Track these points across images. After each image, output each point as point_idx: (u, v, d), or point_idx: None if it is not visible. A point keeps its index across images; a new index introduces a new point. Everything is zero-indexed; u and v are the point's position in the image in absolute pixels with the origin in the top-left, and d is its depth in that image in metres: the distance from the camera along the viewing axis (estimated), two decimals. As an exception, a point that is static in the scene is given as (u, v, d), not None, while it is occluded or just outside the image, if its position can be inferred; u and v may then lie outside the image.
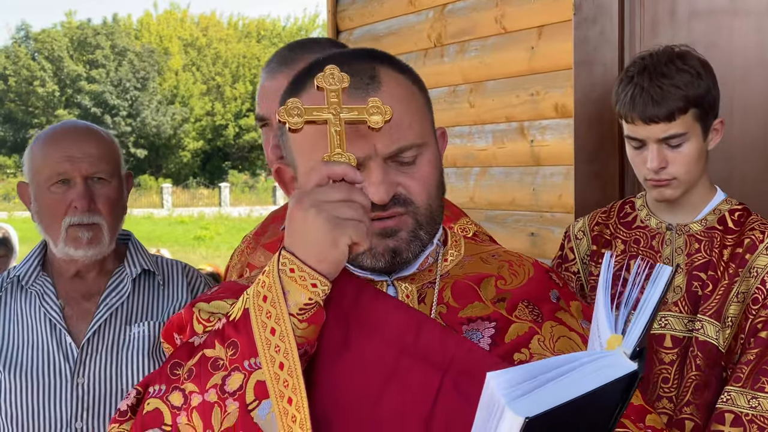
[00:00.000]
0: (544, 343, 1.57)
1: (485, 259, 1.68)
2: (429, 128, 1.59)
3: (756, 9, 3.08)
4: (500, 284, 1.62)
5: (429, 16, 4.42)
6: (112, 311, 2.45)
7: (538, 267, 1.70)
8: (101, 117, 47.41)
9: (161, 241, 22.47)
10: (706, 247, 2.44)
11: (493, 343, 1.55)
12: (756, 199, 3.08)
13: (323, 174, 1.42)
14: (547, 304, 1.62)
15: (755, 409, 2.31)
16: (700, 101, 2.40)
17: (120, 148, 2.54)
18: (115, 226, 2.46)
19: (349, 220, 1.38)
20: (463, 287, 1.60)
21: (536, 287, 1.64)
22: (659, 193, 2.47)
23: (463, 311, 1.58)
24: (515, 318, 1.58)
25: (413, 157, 1.53)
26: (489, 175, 4.12)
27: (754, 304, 2.38)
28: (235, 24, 56.67)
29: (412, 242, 1.54)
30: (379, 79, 1.53)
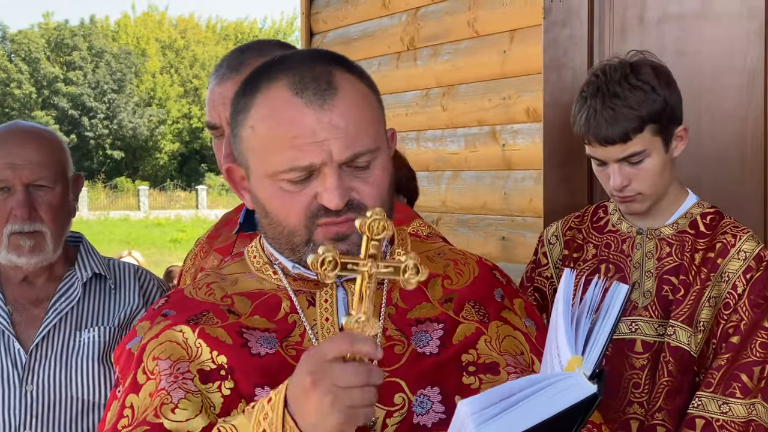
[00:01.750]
0: (490, 343, 1.58)
1: (431, 257, 1.68)
2: (382, 132, 1.59)
3: (725, 14, 3.08)
4: (447, 284, 1.63)
5: (402, 19, 4.42)
6: (62, 316, 2.43)
7: (483, 265, 1.70)
8: (78, 119, 47.20)
9: (137, 244, 22.36)
10: (677, 251, 2.43)
11: (441, 345, 1.55)
12: (726, 204, 3.08)
13: (345, 350, 1.37)
14: (492, 303, 1.64)
15: (726, 414, 2.30)
16: (656, 117, 2.37)
17: (67, 152, 2.49)
18: (61, 232, 2.43)
19: (362, 407, 1.36)
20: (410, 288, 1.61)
21: (481, 286, 1.65)
22: (627, 208, 2.46)
23: (411, 312, 1.59)
24: (462, 318, 1.59)
25: (367, 162, 1.53)
26: (461, 179, 4.11)
27: (726, 309, 2.37)
28: (214, 26, 56.56)
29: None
30: (336, 85, 1.52)
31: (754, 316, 2.35)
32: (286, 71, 1.54)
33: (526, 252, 3.01)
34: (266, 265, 1.65)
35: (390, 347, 1.55)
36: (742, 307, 2.36)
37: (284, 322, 1.58)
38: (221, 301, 1.61)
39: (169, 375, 1.52)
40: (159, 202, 41.46)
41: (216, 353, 1.53)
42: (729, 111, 3.08)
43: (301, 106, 1.50)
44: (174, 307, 1.62)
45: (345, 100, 1.51)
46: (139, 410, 1.51)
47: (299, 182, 1.52)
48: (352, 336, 1.38)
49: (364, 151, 1.52)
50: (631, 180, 2.39)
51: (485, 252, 3.93)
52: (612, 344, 2.40)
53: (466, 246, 4.02)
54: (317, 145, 1.49)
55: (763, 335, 2.35)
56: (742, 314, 2.35)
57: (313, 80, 1.51)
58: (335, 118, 1.50)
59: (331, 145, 1.49)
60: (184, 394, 1.50)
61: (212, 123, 2.11)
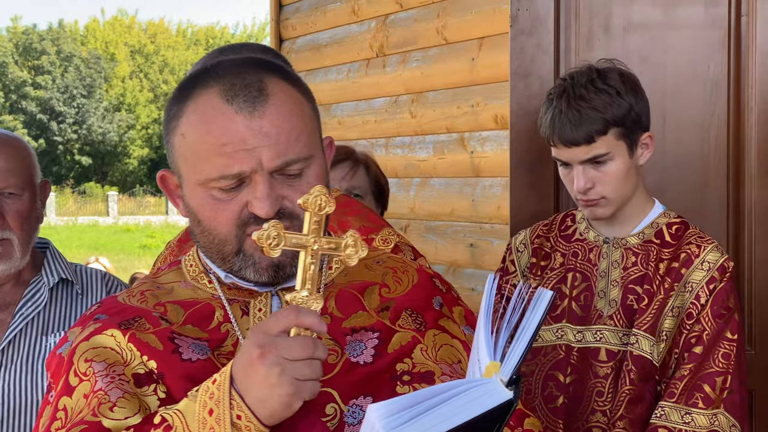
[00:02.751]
0: (426, 352, 1.56)
1: (369, 265, 1.67)
2: (316, 140, 1.57)
3: (689, 23, 3.12)
4: (384, 292, 1.62)
5: (371, 26, 4.43)
6: (28, 321, 2.42)
7: (423, 273, 1.69)
8: (47, 124, 46.87)
9: (106, 250, 22.22)
10: (642, 261, 2.44)
11: (376, 354, 1.54)
12: (689, 211, 3.12)
13: (290, 323, 1.38)
14: (430, 312, 1.62)
15: (689, 424, 2.32)
16: (620, 120, 2.40)
17: (34, 158, 2.48)
18: (28, 238, 2.42)
19: (308, 381, 1.37)
20: (347, 296, 1.60)
21: (420, 294, 1.64)
22: (591, 212, 2.48)
23: (347, 321, 1.57)
24: (398, 327, 1.58)
25: (300, 169, 1.51)
26: (429, 185, 4.13)
27: (689, 319, 2.38)
28: (184, 31, 56.35)
29: (296, 257, 1.49)
30: (267, 92, 1.50)
31: (717, 326, 2.37)
32: (217, 78, 1.52)
33: (494, 259, 3.03)
34: (201, 273, 1.64)
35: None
36: (705, 317, 2.37)
37: (217, 331, 1.56)
38: (154, 308, 1.59)
39: (105, 376, 1.51)
40: (128, 208, 41.23)
41: (146, 358, 1.52)
42: (693, 119, 3.12)
43: (231, 114, 1.48)
44: (106, 312, 1.60)
45: (276, 108, 1.50)
46: (73, 412, 1.49)
47: (230, 190, 1.50)
48: (297, 309, 1.39)
49: (295, 159, 1.50)
50: (595, 183, 2.41)
51: (453, 258, 3.95)
52: (577, 353, 2.45)
53: (434, 252, 4.05)
54: (247, 153, 1.47)
55: (725, 346, 2.36)
56: (705, 325, 2.37)
57: (244, 87, 1.50)
58: (266, 126, 1.48)
59: (262, 153, 1.48)
60: (122, 393, 1.49)
61: None
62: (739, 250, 3.09)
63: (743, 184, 3.08)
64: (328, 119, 4.80)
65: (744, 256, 3.08)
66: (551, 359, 2.48)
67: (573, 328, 2.47)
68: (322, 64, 4.84)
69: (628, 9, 3.15)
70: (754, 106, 3.06)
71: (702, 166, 3.12)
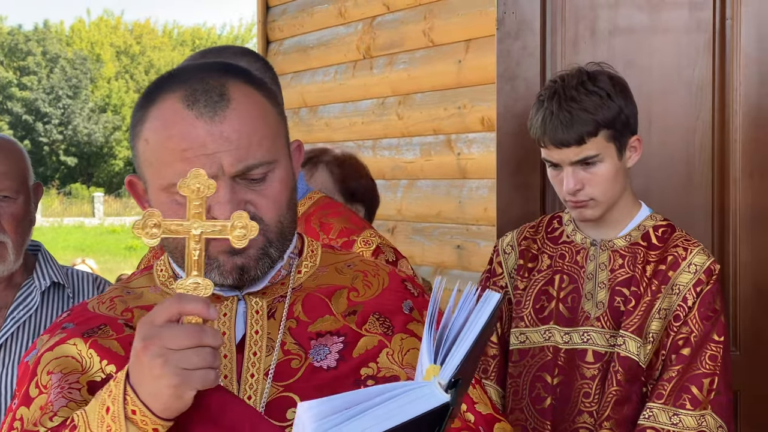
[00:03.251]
0: (392, 356, 1.54)
1: (340, 269, 1.65)
2: (281, 144, 1.56)
3: (674, 27, 3.14)
4: (353, 296, 1.60)
5: (358, 28, 4.44)
6: (20, 324, 2.42)
7: (394, 276, 1.66)
8: (33, 124, 46.70)
9: (92, 251, 22.16)
10: (629, 263, 2.46)
11: (340, 358, 1.52)
12: (674, 214, 3.13)
13: (174, 311, 1.35)
14: (399, 316, 1.59)
15: (677, 426, 2.34)
16: (611, 122, 2.42)
17: (28, 160, 2.48)
18: (22, 241, 2.42)
19: (197, 369, 1.33)
20: (314, 300, 1.58)
21: (390, 298, 1.61)
22: (579, 214, 2.48)
23: (312, 325, 1.55)
24: (365, 331, 1.56)
25: (263, 174, 1.51)
26: (416, 187, 4.14)
27: (676, 321, 2.40)
28: (170, 32, 56.24)
29: (261, 260, 1.52)
30: (229, 96, 1.49)
31: (704, 328, 2.38)
32: (180, 84, 1.51)
33: (481, 260, 3.04)
34: (171, 278, 1.63)
35: (287, 361, 1.52)
36: (692, 319, 2.39)
37: None
38: (121, 315, 1.59)
39: (56, 387, 1.50)
40: (114, 209, 41.10)
41: (105, 362, 1.51)
42: (678, 122, 3.14)
43: (191, 119, 1.48)
44: (74, 320, 1.59)
45: (237, 112, 1.49)
46: (28, 423, 1.49)
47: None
48: (180, 297, 1.36)
49: (257, 163, 1.49)
50: (584, 184, 2.42)
51: (440, 260, 3.96)
52: (564, 354, 2.46)
53: (421, 254, 4.06)
54: (208, 158, 1.47)
55: (712, 348, 2.38)
56: (692, 327, 2.39)
57: (205, 92, 1.49)
58: (226, 130, 1.47)
59: (222, 158, 1.47)
60: (66, 402, 1.48)
61: None
62: (724, 252, 3.11)
63: (728, 186, 3.10)
64: (315, 121, 4.81)
65: (729, 259, 3.10)
66: (539, 361, 2.50)
67: (560, 329, 2.48)
68: (309, 66, 4.85)
69: (614, 13, 3.17)
70: (738, 109, 3.08)
71: (687, 168, 3.14)
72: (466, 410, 1.57)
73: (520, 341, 2.52)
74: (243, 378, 1.51)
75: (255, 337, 1.54)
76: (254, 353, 1.52)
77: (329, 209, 2.29)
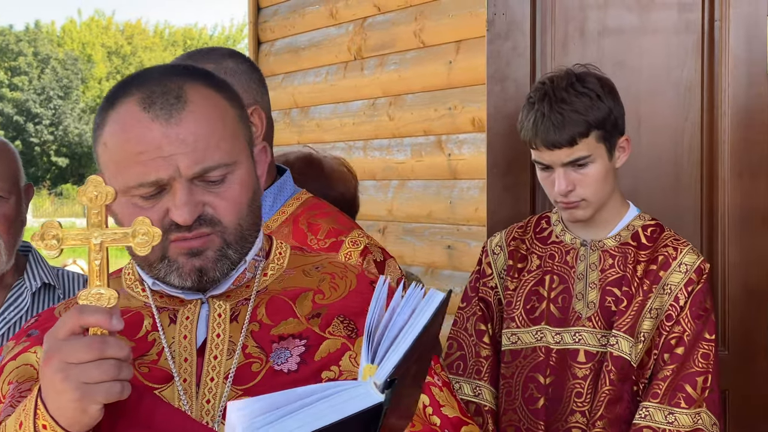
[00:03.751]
0: (355, 359, 1.51)
1: (307, 271, 1.63)
2: (242, 146, 1.54)
3: (664, 28, 3.15)
4: (318, 299, 1.57)
5: (349, 29, 4.45)
6: (11, 326, 2.42)
7: (363, 279, 1.63)
8: (24, 125, 46.59)
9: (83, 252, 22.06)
10: (620, 263, 2.47)
11: (302, 362, 1.49)
12: (663, 214, 3.14)
13: (75, 324, 1.32)
14: (364, 318, 1.48)
15: (672, 424, 2.35)
16: (601, 123, 2.43)
17: (19, 161, 2.48)
18: (14, 242, 2.42)
19: (100, 383, 1.29)
20: (278, 303, 1.56)
21: (355, 300, 1.57)
22: (570, 215, 2.49)
23: (275, 329, 1.53)
24: (328, 334, 1.53)
25: (221, 176, 1.49)
26: (407, 188, 4.15)
27: (668, 320, 2.42)
28: (161, 32, 56.15)
29: (219, 261, 1.50)
30: (186, 98, 1.48)
31: (696, 327, 2.41)
32: (138, 86, 1.51)
33: (472, 260, 3.04)
34: (137, 282, 1.62)
35: (247, 365, 1.50)
36: (684, 319, 2.41)
37: (144, 340, 1.54)
38: None
39: (10, 397, 1.50)
40: (105, 210, 40.99)
41: None
42: (666, 123, 3.15)
43: (147, 121, 1.47)
44: (40, 326, 1.58)
45: (194, 114, 1.48)
46: None
47: (150, 198, 1.49)
48: (81, 308, 1.33)
49: (215, 165, 1.48)
50: (576, 185, 2.44)
51: (431, 260, 3.97)
52: (556, 354, 2.47)
53: (412, 254, 4.06)
54: (164, 160, 1.46)
55: (704, 346, 2.41)
56: (685, 326, 2.41)
57: (162, 95, 1.48)
58: (182, 133, 1.47)
59: (178, 160, 1.46)
60: (13, 411, 1.46)
61: None
62: (713, 252, 3.12)
63: (717, 187, 3.12)
64: (306, 122, 4.81)
65: (717, 259, 3.11)
66: (531, 361, 2.51)
67: (551, 330, 2.49)
68: (300, 67, 4.86)
69: (603, 14, 3.18)
70: (727, 110, 3.09)
71: (676, 169, 3.15)
72: (432, 413, 1.56)
73: (511, 342, 2.53)
74: (203, 381, 1.49)
75: (216, 340, 1.52)
76: (215, 357, 1.51)
77: (317, 210, 2.30)
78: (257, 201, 1.57)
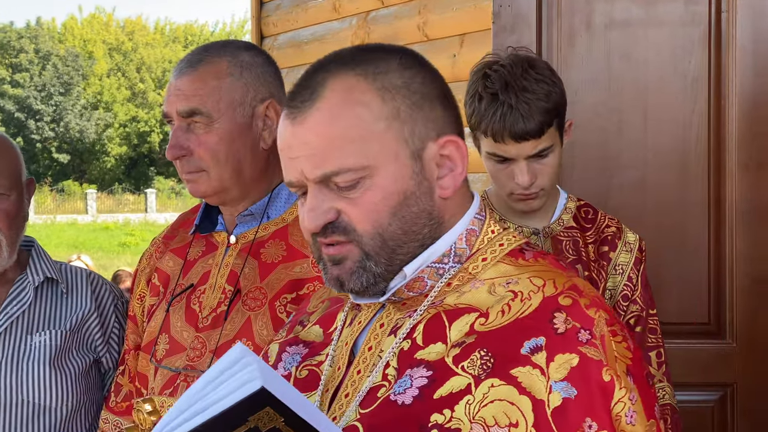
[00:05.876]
0: (471, 405, 1.28)
1: (494, 288, 1.38)
2: (385, 147, 1.36)
3: (670, 20, 3.15)
4: (479, 323, 1.34)
5: (352, 23, 4.44)
6: (13, 320, 2.41)
7: (546, 304, 1.34)
8: (25, 122, 46.62)
9: (85, 248, 22.12)
10: (570, 247, 2.45)
11: (419, 396, 1.31)
12: (670, 206, 3.15)
13: None
14: (510, 356, 1.30)
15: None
16: (560, 109, 2.34)
17: (21, 157, 2.47)
18: (15, 238, 2.41)
19: None
20: (438, 322, 1.36)
21: (514, 331, 1.32)
22: (527, 205, 2.40)
23: (422, 351, 1.34)
24: (461, 370, 1.30)
25: (353, 181, 1.34)
26: (412, 181, 4.14)
27: (624, 300, 2.43)
28: (162, 29, 56.14)
29: (356, 273, 1.36)
30: (319, 94, 1.36)
31: (645, 304, 2.44)
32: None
33: (477, 254, 3.03)
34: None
35: (378, 387, 1.35)
36: (640, 297, 2.44)
37: (329, 336, 1.48)
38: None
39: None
40: (107, 206, 41.06)
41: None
42: (673, 115, 3.14)
43: (285, 118, 1.39)
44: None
45: (321, 113, 1.35)
46: None
47: (302, 196, 1.40)
48: None
49: (336, 171, 1.34)
50: (537, 176, 2.34)
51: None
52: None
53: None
54: (292, 162, 1.37)
55: (651, 321, 2.45)
56: (641, 304, 2.44)
57: (301, 88, 1.39)
58: (306, 133, 1.35)
59: (302, 163, 1.35)
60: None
61: (164, 112, 2.12)
62: (720, 244, 3.11)
63: (724, 179, 3.11)
64: (309, 116, 4.80)
65: (725, 251, 3.11)
66: None
67: None
68: (303, 61, 4.84)
69: (610, 6, 3.17)
70: (734, 102, 3.08)
71: (683, 161, 3.14)
72: None
73: None
74: (338, 396, 1.40)
75: (366, 353, 1.41)
76: (358, 371, 1.40)
77: None
78: (408, 208, 1.37)
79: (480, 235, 1.43)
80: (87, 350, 2.43)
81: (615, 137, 3.14)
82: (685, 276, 3.14)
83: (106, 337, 2.45)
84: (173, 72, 2.13)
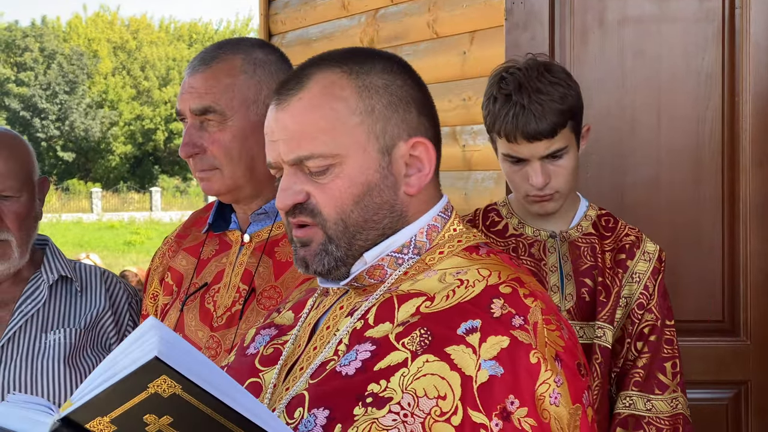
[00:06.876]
0: (404, 378, 1.37)
1: (444, 277, 1.48)
2: (355, 140, 1.47)
3: (683, 16, 3.14)
4: (424, 306, 1.44)
5: (361, 20, 4.43)
6: (28, 318, 2.41)
7: (487, 292, 1.43)
8: (30, 120, 46.68)
9: (90, 246, 22.14)
10: (588, 253, 2.46)
11: (361, 368, 1.40)
12: (684, 204, 3.14)
13: None
14: (446, 334, 1.39)
15: (650, 411, 2.39)
16: (575, 112, 2.37)
17: (33, 156, 2.46)
18: (27, 238, 2.41)
19: None
20: (389, 305, 1.46)
21: (454, 314, 1.41)
22: (542, 207, 2.42)
23: (371, 330, 1.44)
24: (401, 346, 1.40)
25: (323, 167, 1.46)
26: (421, 179, 4.13)
27: (640, 308, 2.44)
28: (167, 27, 56.16)
29: (318, 255, 1.48)
30: (303, 85, 1.49)
31: (662, 314, 2.45)
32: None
33: (489, 252, 3.02)
34: None
35: (328, 361, 1.45)
36: (655, 306, 2.44)
37: (298, 320, 1.59)
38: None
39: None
40: (112, 205, 41.11)
41: None
42: (687, 112, 3.13)
43: (272, 105, 1.52)
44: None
45: (302, 102, 1.47)
46: None
47: (280, 178, 1.53)
48: None
49: (308, 155, 1.46)
50: (551, 177, 2.37)
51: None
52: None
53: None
54: (272, 145, 1.50)
55: (668, 332, 2.45)
56: (656, 313, 2.44)
57: (290, 79, 1.51)
58: (286, 119, 1.48)
59: (280, 146, 1.48)
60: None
61: (178, 110, 2.12)
62: (734, 241, 3.10)
63: (738, 176, 3.10)
64: (318, 114, 4.79)
65: (739, 248, 3.10)
66: None
67: None
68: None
69: (623, 3, 3.16)
70: (748, 98, 3.07)
71: (697, 158, 3.13)
72: None
73: None
74: (294, 369, 1.50)
75: (324, 332, 1.51)
76: (314, 347, 1.50)
77: None
78: (371, 198, 1.48)
79: (441, 231, 1.53)
80: (101, 348, 2.42)
81: (628, 135, 3.13)
82: (699, 274, 3.13)
83: (121, 335, 2.44)
84: (187, 69, 2.13)
